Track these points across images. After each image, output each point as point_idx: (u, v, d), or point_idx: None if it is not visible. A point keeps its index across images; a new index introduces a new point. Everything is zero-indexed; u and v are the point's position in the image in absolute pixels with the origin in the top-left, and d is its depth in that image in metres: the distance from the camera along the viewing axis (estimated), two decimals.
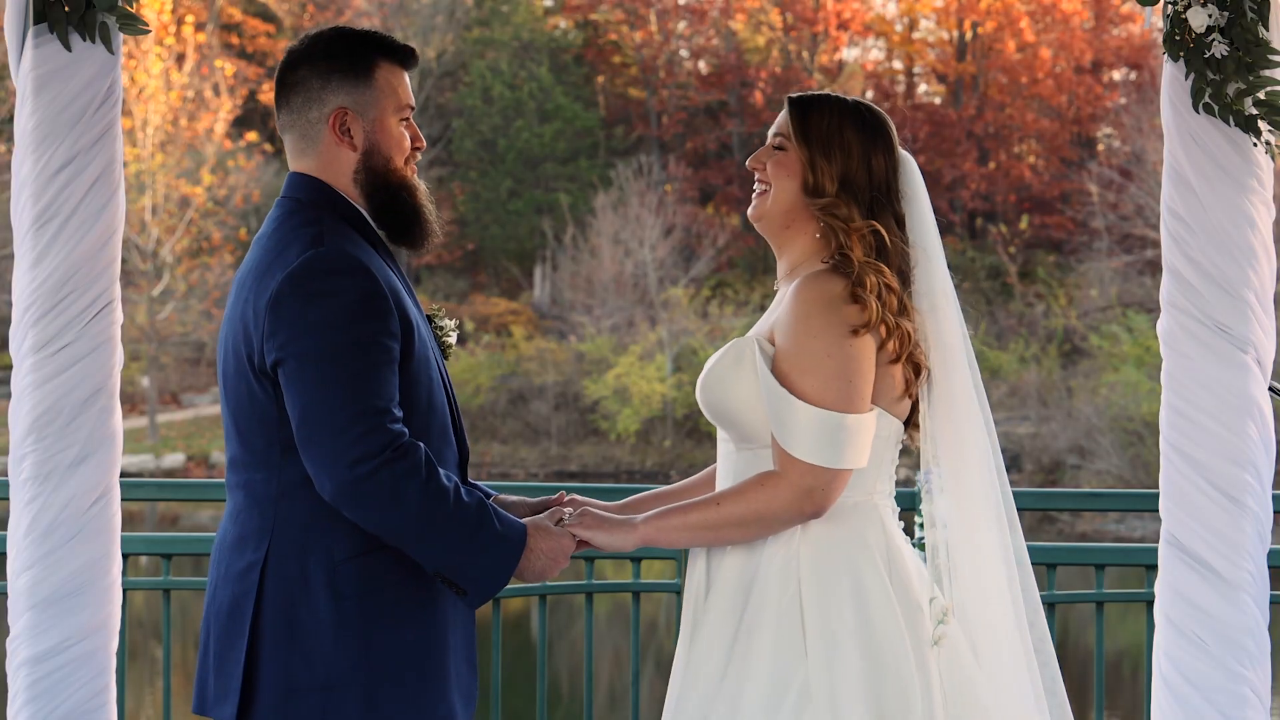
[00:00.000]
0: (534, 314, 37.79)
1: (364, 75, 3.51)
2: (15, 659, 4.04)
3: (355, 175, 3.51)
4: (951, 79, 38.91)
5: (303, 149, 3.54)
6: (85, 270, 3.98)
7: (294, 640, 3.36)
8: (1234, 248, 4.08)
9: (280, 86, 3.58)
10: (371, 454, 3.26)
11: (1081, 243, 34.18)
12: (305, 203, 3.49)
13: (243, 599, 3.41)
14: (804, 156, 3.53)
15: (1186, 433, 4.12)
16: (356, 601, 3.36)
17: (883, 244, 3.48)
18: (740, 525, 3.43)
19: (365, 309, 3.32)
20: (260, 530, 3.42)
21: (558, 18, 40.57)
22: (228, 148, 33.96)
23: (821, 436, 3.38)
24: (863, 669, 3.39)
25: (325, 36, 3.57)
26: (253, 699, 3.39)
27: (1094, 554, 5.34)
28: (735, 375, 3.47)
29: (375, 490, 3.26)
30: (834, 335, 3.40)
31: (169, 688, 5.40)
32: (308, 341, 3.30)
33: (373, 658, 3.37)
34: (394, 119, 3.54)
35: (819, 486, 3.40)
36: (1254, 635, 4.12)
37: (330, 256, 3.34)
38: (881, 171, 3.53)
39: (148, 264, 31.42)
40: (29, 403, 3.98)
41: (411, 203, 3.53)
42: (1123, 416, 27.09)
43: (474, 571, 3.35)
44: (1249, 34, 4.02)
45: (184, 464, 30.36)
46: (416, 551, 3.33)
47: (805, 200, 3.51)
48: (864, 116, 3.56)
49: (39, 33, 3.96)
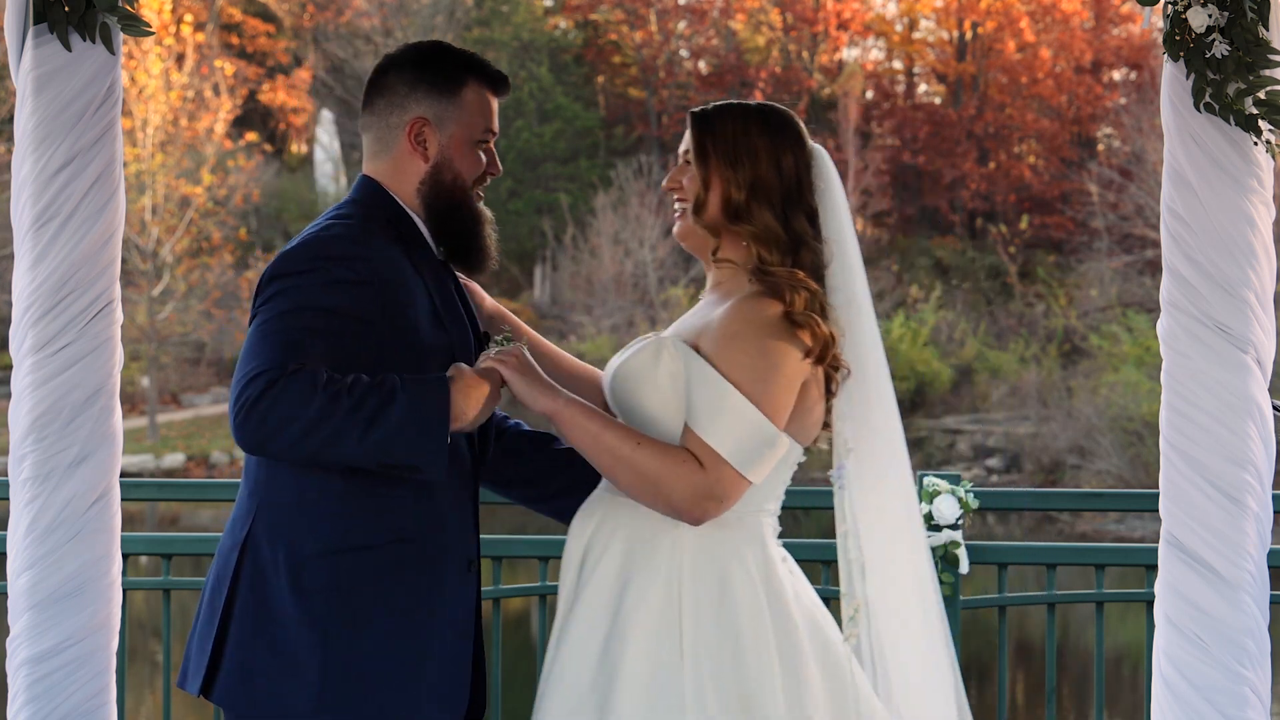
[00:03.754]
0: (534, 314, 37.78)
1: (450, 91, 3.56)
2: (15, 659, 4.04)
3: (420, 186, 3.56)
4: (951, 79, 38.90)
5: (376, 151, 3.59)
6: (85, 270, 3.99)
7: (260, 625, 3.41)
8: (1234, 248, 4.08)
9: (368, 88, 3.63)
10: (255, 391, 3.23)
11: (1081, 243, 34.17)
12: (357, 203, 3.55)
13: (224, 578, 3.47)
14: (714, 171, 3.54)
15: (1186, 433, 4.12)
16: (321, 597, 3.38)
17: (798, 244, 3.50)
18: (639, 476, 3.38)
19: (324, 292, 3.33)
20: (246, 514, 3.48)
21: (558, 18, 40.56)
22: (228, 148, 33.94)
23: (748, 440, 3.39)
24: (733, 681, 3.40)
25: (423, 48, 3.63)
26: (215, 678, 3.44)
27: (1094, 554, 5.34)
28: (651, 373, 3.47)
29: (261, 424, 3.23)
30: (767, 356, 3.41)
31: (169, 688, 5.39)
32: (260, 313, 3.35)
33: (330, 656, 3.37)
34: (472, 140, 3.58)
35: (725, 494, 3.41)
36: (1254, 635, 4.12)
37: (311, 248, 3.40)
38: (792, 169, 3.54)
39: (148, 264, 31.41)
40: (29, 403, 3.98)
41: (469, 224, 3.58)
42: (1123, 416, 27.08)
43: (408, 450, 3.28)
44: (1249, 34, 4.02)
45: (184, 464, 30.34)
46: (335, 458, 3.27)
47: (721, 213, 3.54)
48: (768, 118, 3.57)
49: (39, 33, 3.96)
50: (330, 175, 39.41)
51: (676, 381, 3.44)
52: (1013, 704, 12.94)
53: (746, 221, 3.50)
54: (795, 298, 3.44)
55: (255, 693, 3.41)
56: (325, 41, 38.58)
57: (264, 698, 3.40)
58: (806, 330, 3.44)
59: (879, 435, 3.58)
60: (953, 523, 5.19)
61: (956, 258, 35.66)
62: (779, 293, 3.45)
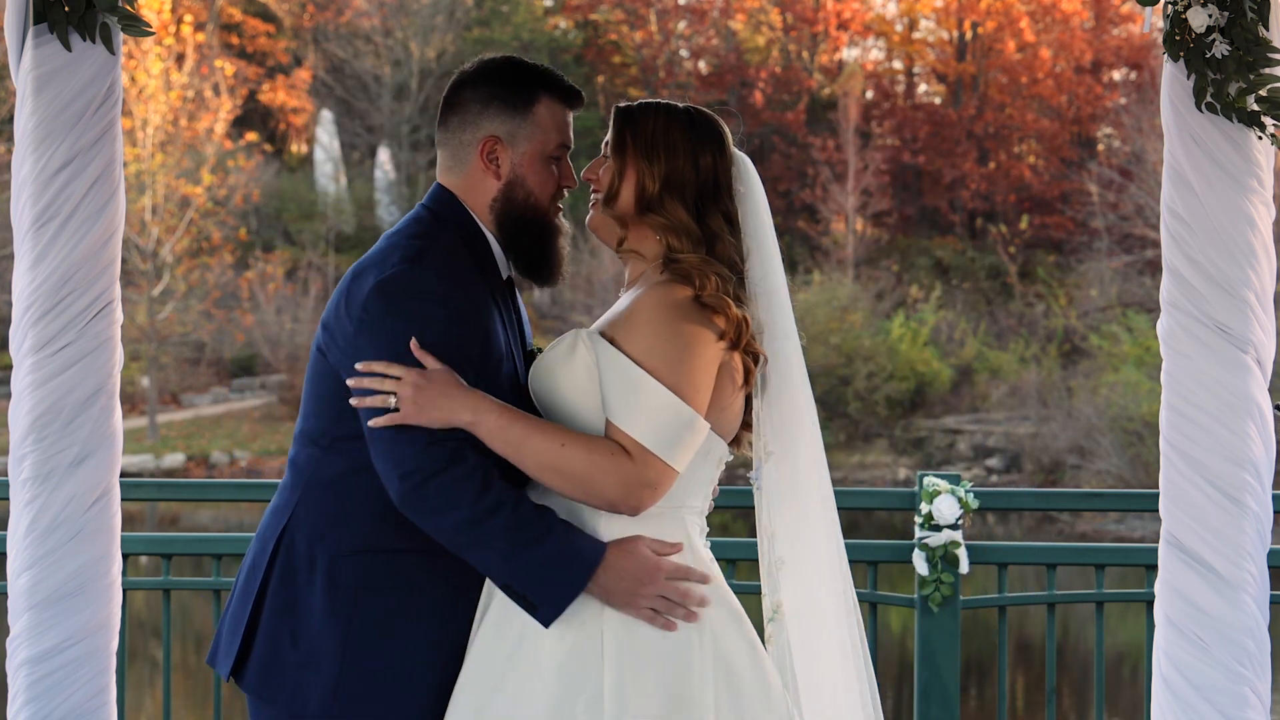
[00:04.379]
0: (534, 313, 37.81)
1: (523, 108, 3.59)
2: (15, 659, 4.05)
3: (493, 203, 3.60)
4: (951, 79, 38.90)
5: (450, 166, 3.63)
6: (85, 270, 3.99)
7: (289, 615, 3.45)
8: (1234, 248, 4.09)
9: (444, 104, 3.67)
10: (421, 465, 3.33)
11: (1081, 243, 34.16)
12: (434, 214, 3.58)
13: (259, 564, 3.52)
14: (630, 162, 3.58)
15: (1186, 433, 4.12)
16: (351, 593, 3.43)
17: (712, 240, 3.53)
18: (567, 478, 3.37)
19: (445, 331, 3.39)
20: (287, 504, 3.52)
21: (558, 18, 40.55)
22: (228, 148, 33.93)
23: (667, 425, 3.38)
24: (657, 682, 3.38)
25: (495, 63, 3.65)
26: (245, 663, 3.49)
27: (1094, 554, 5.35)
28: (567, 366, 3.47)
29: (424, 499, 3.33)
30: (678, 338, 3.42)
31: (169, 688, 5.40)
32: (387, 352, 3.37)
33: (349, 652, 3.42)
34: (545, 156, 3.62)
35: (657, 481, 3.39)
36: (1254, 635, 4.12)
37: (419, 277, 3.42)
38: (710, 169, 3.57)
39: (148, 264, 31.40)
40: (29, 403, 3.99)
41: (542, 240, 3.63)
42: (1123, 416, 27.07)
43: (535, 586, 3.35)
44: (1249, 33, 4.02)
45: (184, 464, 30.33)
46: (473, 560, 3.37)
47: (635, 205, 3.57)
48: (692, 119, 3.61)
49: (39, 33, 3.96)
50: (330, 175, 39.40)
51: (591, 373, 3.44)
52: (1013, 704, 12.94)
53: (657, 213, 3.53)
54: (705, 281, 3.46)
55: (277, 681, 3.46)
56: (325, 41, 38.58)
57: (284, 687, 3.45)
58: (719, 314, 3.46)
59: (799, 440, 3.60)
60: (953, 523, 5.19)
61: (956, 258, 35.65)
62: (688, 277, 3.47)
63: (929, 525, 5.20)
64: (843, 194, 34.83)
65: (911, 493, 5.30)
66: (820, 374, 29.73)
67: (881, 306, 32.56)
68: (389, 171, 39.10)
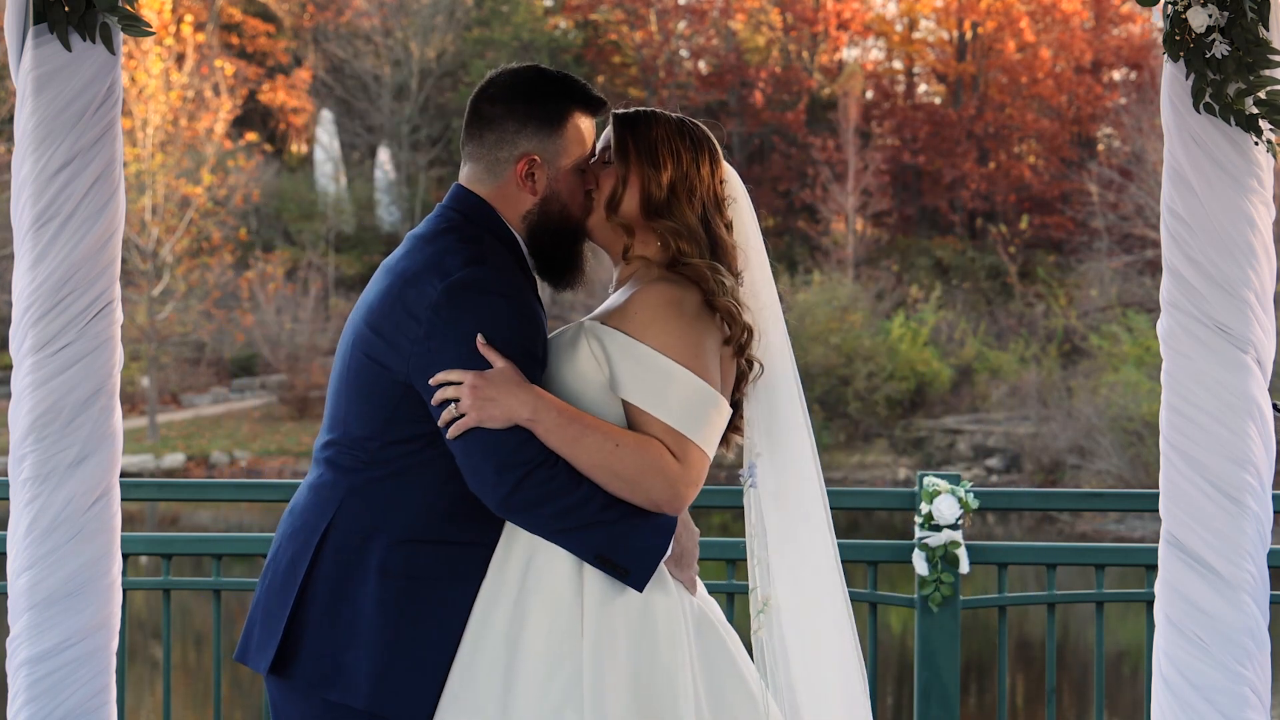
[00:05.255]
0: None
1: (557, 125, 3.63)
2: (15, 659, 4.05)
3: (527, 214, 3.64)
4: (951, 79, 38.90)
5: (481, 177, 3.65)
6: (85, 270, 3.99)
7: (337, 610, 3.49)
8: (1234, 248, 4.09)
9: (474, 116, 3.68)
10: (522, 461, 3.43)
11: (1081, 243, 34.16)
12: (469, 219, 3.61)
13: (299, 561, 3.54)
14: (634, 169, 3.61)
15: (1186, 433, 4.12)
16: (403, 581, 3.49)
17: (716, 246, 3.59)
18: (617, 477, 3.45)
19: (516, 329, 3.47)
20: (329, 500, 3.55)
21: (558, 18, 40.55)
22: (228, 148, 33.92)
23: (694, 406, 3.46)
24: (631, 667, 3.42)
25: (526, 77, 3.67)
26: (293, 656, 3.51)
27: (1094, 554, 5.35)
28: (570, 355, 3.53)
29: (526, 496, 3.43)
30: (693, 331, 3.49)
31: (169, 688, 5.40)
32: (461, 352, 3.43)
33: (400, 641, 3.48)
34: (576, 168, 3.65)
35: (696, 482, 3.48)
36: (1254, 635, 4.12)
37: (487, 277, 3.48)
38: (709, 178, 3.64)
39: (148, 264, 31.39)
40: (29, 403, 3.99)
41: (571, 251, 3.68)
42: (1123, 416, 27.06)
43: (631, 555, 3.46)
44: (1249, 34, 4.02)
45: (184, 464, 30.32)
46: (570, 543, 3.47)
47: (641, 211, 3.61)
48: (690, 129, 3.67)
49: (39, 33, 3.96)
50: (330, 175, 39.40)
51: (596, 362, 3.51)
52: (1013, 704, 12.94)
53: (666, 217, 3.58)
54: (714, 286, 3.53)
55: (326, 671, 3.49)
56: (325, 41, 38.58)
57: (333, 678, 3.48)
58: (726, 317, 3.53)
59: (789, 445, 3.67)
60: (953, 523, 5.20)
61: (956, 258, 35.64)
62: (697, 280, 3.53)
63: (929, 525, 5.20)
64: (843, 194, 34.83)
65: (911, 493, 5.31)
66: (820, 374, 29.73)
67: (881, 306, 32.55)
68: (389, 171, 39.10)
